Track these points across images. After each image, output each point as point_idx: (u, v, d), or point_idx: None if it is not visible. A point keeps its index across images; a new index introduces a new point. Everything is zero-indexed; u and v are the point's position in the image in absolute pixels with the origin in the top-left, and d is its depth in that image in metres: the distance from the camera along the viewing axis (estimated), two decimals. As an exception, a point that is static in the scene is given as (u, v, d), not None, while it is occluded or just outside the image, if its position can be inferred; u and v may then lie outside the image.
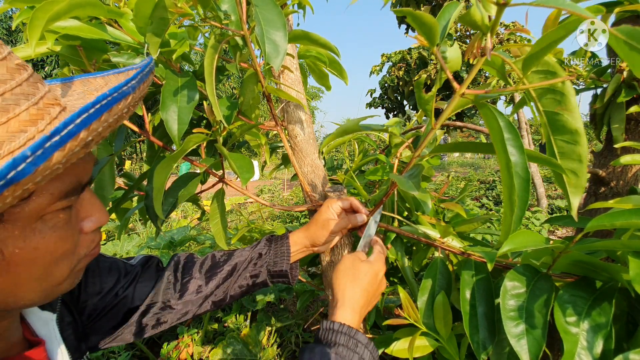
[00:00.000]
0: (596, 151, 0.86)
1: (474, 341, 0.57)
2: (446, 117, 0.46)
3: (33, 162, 0.26)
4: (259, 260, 0.70)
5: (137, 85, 0.35)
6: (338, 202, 0.71)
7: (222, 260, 0.70)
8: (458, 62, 0.48)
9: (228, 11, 0.60)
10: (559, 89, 0.40)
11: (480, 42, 0.38)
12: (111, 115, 0.32)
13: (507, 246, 0.51)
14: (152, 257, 0.69)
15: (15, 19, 0.59)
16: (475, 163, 15.52)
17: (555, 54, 0.75)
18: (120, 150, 0.80)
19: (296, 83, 0.79)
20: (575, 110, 0.40)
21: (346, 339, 0.51)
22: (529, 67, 0.38)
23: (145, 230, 3.58)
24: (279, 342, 1.79)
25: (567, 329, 0.47)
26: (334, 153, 1.82)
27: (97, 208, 0.41)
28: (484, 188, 6.44)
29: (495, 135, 0.39)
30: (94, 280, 0.59)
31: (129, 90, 0.33)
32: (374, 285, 0.60)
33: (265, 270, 0.69)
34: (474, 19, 0.35)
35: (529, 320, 0.50)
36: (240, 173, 0.61)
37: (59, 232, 0.36)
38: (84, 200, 0.40)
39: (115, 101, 0.32)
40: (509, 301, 0.52)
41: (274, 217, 4.95)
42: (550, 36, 0.34)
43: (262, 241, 0.73)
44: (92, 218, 0.41)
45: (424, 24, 0.40)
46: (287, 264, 0.69)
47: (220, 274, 0.68)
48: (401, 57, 9.48)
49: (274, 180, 9.98)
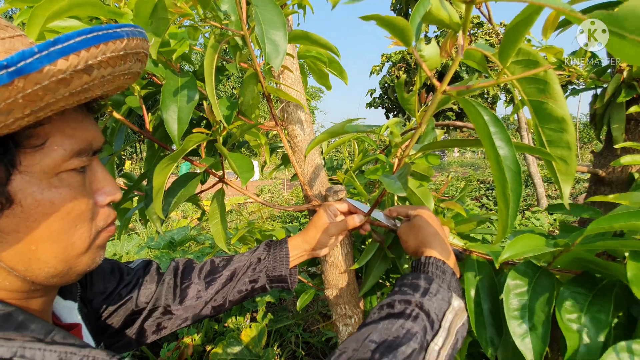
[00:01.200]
0: (596, 151, 0.86)
1: (482, 339, 0.57)
2: (430, 114, 0.45)
3: (39, 59, 0.28)
4: (257, 265, 0.70)
5: (129, 34, 0.36)
6: (336, 205, 0.71)
7: (221, 266, 0.70)
8: (437, 59, 0.47)
9: (228, 11, 0.60)
10: (541, 78, 0.40)
11: (453, 40, 0.37)
12: (108, 49, 0.33)
13: (508, 252, 0.51)
14: (152, 262, 0.70)
15: (16, 19, 0.60)
16: (475, 163, 15.52)
17: (555, 54, 0.75)
18: (120, 150, 0.80)
19: (296, 83, 0.79)
20: (560, 98, 0.39)
21: (434, 267, 0.56)
22: (506, 54, 0.37)
23: (145, 230, 3.58)
24: (279, 342, 1.79)
25: (568, 325, 0.47)
26: (334, 153, 1.82)
27: (109, 182, 0.44)
28: (484, 188, 6.44)
29: (482, 130, 0.38)
30: (98, 279, 0.60)
31: (123, 33, 0.35)
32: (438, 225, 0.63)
33: (264, 275, 0.70)
34: (439, 17, 0.34)
35: (532, 319, 0.51)
36: (240, 173, 0.61)
37: (74, 192, 0.38)
38: (97, 172, 0.43)
39: (110, 37, 0.33)
40: (512, 300, 0.52)
41: (274, 217, 4.94)
42: (519, 16, 0.33)
43: (261, 246, 0.73)
44: (105, 190, 0.43)
45: (395, 27, 0.39)
46: (287, 268, 0.69)
47: (219, 279, 0.68)
48: (401, 57, 9.49)
49: (274, 180, 9.98)
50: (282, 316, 1.96)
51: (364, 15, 0.36)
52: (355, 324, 0.84)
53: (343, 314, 0.83)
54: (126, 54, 0.36)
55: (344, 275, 0.81)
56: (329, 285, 0.82)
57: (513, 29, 0.34)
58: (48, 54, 0.29)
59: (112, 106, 0.72)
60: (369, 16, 0.35)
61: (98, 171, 0.43)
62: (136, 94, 0.71)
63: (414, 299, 0.50)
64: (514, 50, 0.36)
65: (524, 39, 0.35)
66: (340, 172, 1.07)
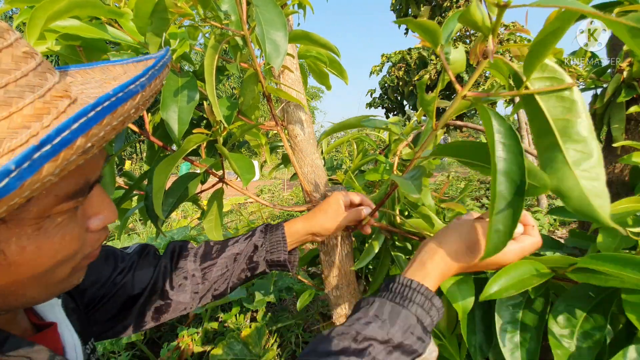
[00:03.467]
0: (596, 151, 0.86)
1: (472, 345, 0.56)
2: (447, 118, 0.46)
3: (18, 176, 0.22)
4: (255, 252, 0.69)
5: (147, 82, 0.31)
6: (347, 196, 0.70)
7: (216, 251, 0.68)
8: (462, 64, 0.48)
9: (228, 11, 0.60)
10: (567, 97, 0.37)
11: (482, 44, 0.38)
12: (115, 117, 0.28)
13: (494, 287, 0.47)
14: (149, 246, 0.68)
15: (16, 19, 0.60)
16: (475, 163, 15.42)
17: (555, 55, 0.75)
18: (120, 150, 0.80)
19: (296, 83, 0.79)
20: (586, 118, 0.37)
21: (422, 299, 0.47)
22: (531, 67, 0.37)
23: (145, 230, 3.58)
24: (279, 342, 1.79)
25: (558, 341, 0.46)
26: (334, 153, 1.82)
27: (106, 205, 0.39)
28: (484, 188, 6.44)
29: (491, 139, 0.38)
30: (91, 270, 0.58)
31: (137, 89, 0.29)
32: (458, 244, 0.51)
33: (263, 262, 0.68)
34: (474, 18, 0.35)
35: (524, 333, 0.49)
36: (241, 173, 0.61)
37: (64, 232, 0.34)
38: (92, 197, 0.37)
39: (121, 102, 0.28)
40: (504, 312, 0.51)
41: (274, 217, 4.95)
42: (547, 29, 0.33)
43: (257, 231, 0.71)
44: (101, 216, 0.38)
45: (428, 30, 0.40)
46: (285, 253, 0.68)
47: (216, 267, 0.67)
48: (401, 58, 9.49)
49: (274, 180, 9.98)
50: (282, 316, 1.96)
51: (399, 20, 0.39)
52: (356, 324, 0.84)
53: (343, 314, 0.83)
54: (138, 110, 0.31)
55: (344, 275, 0.81)
56: (329, 285, 0.82)
57: (541, 42, 0.34)
58: (31, 164, 0.22)
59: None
60: (402, 20, 0.38)
61: (94, 195, 0.37)
62: (136, 94, 0.71)
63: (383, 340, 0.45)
64: (539, 63, 0.36)
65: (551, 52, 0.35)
66: (340, 172, 1.07)
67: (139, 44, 0.66)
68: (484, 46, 0.37)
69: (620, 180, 0.81)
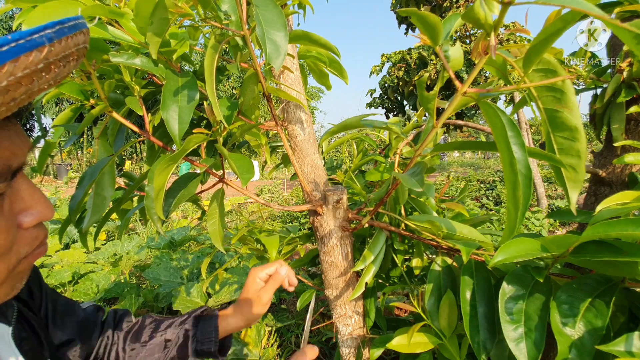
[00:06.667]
0: (596, 151, 0.86)
1: (475, 342, 0.57)
2: (448, 115, 0.46)
3: None
4: (185, 343, 0.70)
5: (54, 36, 0.28)
6: (263, 270, 0.73)
7: (149, 330, 0.71)
8: (460, 61, 0.49)
9: (228, 11, 0.60)
10: (559, 87, 0.41)
11: (484, 41, 0.38)
12: (19, 68, 0.25)
13: (500, 256, 0.50)
14: (100, 310, 0.71)
15: (17, 19, 0.60)
16: (475, 163, 15.51)
17: (555, 55, 0.75)
18: (121, 150, 0.80)
19: (296, 83, 0.79)
20: (574, 108, 0.41)
21: None
22: (530, 63, 0.38)
23: (145, 230, 3.58)
24: (279, 342, 1.79)
25: (561, 329, 0.47)
26: (334, 153, 1.82)
27: (37, 200, 0.36)
28: (484, 188, 6.44)
29: (499, 133, 0.39)
30: (56, 330, 0.59)
31: (42, 40, 0.27)
32: None
33: (193, 352, 0.70)
34: (478, 16, 0.35)
35: (528, 324, 0.50)
36: (241, 173, 0.61)
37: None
38: (20, 190, 0.35)
39: (24, 50, 0.25)
40: (508, 304, 0.52)
41: (274, 217, 4.94)
42: (549, 29, 0.34)
43: (189, 320, 0.73)
44: (32, 211, 0.36)
45: (429, 24, 0.40)
46: (215, 344, 0.70)
47: (144, 351, 0.69)
48: (401, 58, 9.48)
49: (274, 180, 9.98)
50: (282, 316, 1.96)
51: (402, 9, 0.39)
52: (355, 324, 0.84)
53: (343, 314, 0.83)
54: (48, 64, 0.28)
55: (344, 276, 0.81)
56: (329, 285, 0.82)
57: (541, 42, 0.35)
58: None
59: (112, 106, 0.72)
60: (406, 10, 0.38)
61: (21, 189, 0.35)
62: (136, 94, 0.71)
63: None
64: (539, 58, 0.38)
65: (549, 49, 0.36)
66: (340, 172, 1.07)
67: (139, 43, 0.66)
68: (486, 43, 0.38)
69: (620, 180, 0.81)
